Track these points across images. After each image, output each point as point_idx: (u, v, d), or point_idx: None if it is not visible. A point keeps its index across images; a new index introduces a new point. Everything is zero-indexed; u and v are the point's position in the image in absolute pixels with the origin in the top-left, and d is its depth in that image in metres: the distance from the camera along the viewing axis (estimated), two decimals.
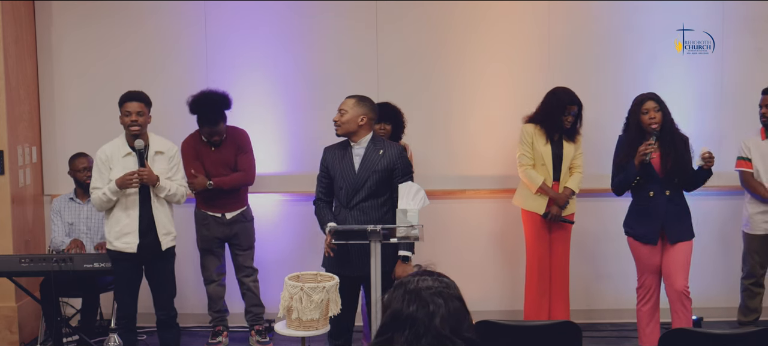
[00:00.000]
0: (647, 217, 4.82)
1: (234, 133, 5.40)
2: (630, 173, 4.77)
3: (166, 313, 4.80)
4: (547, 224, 5.34)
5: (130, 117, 4.56)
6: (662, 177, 4.77)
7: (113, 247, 4.66)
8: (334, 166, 4.32)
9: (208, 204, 5.35)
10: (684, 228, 4.83)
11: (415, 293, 1.95)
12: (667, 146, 4.75)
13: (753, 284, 5.35)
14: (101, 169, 4.62)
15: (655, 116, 4.75)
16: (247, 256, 5.45)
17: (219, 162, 5.32)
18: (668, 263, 4.82)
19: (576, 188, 5.35)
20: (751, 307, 5.39)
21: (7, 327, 5.48)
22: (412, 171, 4.36)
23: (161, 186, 4.61)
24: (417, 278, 1.99)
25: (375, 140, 4.28)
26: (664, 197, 4.78)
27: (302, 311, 3.73)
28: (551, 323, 3.89)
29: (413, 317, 1.91)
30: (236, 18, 5.83)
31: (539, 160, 5.27)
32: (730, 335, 3.63)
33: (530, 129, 5.29)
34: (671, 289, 4.82)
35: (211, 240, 5.38)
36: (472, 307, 2.20)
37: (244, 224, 5.42)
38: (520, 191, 5.44)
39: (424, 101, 5.84)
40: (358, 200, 4.22)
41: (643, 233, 4.84)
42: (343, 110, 4.25)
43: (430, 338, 1.90)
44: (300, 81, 5.87)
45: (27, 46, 5.73)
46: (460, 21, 5.84)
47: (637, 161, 4.71)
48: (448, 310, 1.94)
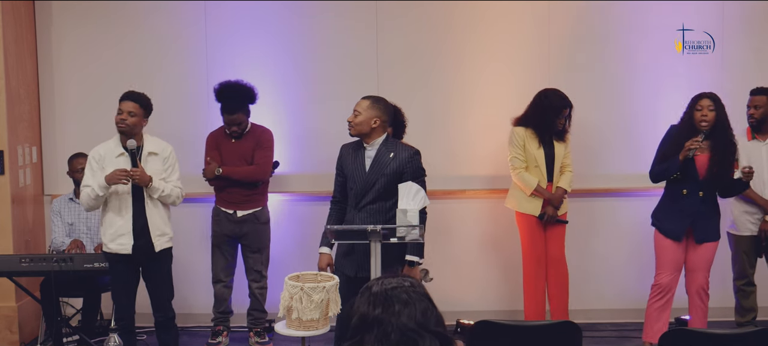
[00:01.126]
0: (677, 213, 4.86)
1: (257, 131, 5.43)
2: (672, 166, 4.79)
3: (164, 315, 4.79)
4: (541, 225, 5.35)
5: (121, 115, 4.55)
6: (702, 178, 4.79)
7: (108, 249, 4.65)
8: (347, 165, 4.34)
9: (223, 200, 5.38)
10: (712, 229, 4.89)
11: (380, 295, 2.03)
12: (716, 148, 4.77)
13: (745, 284, 5.37)
14: (94, 168, 4.61)
15: (708, 115, 4.76)
16: (256, 259, 5.42)
17: (236, 154, 5.33)
18: (692, 260, 4.92)
19: (568, 187, 5.36)
20: (747, 306, 5.41)
21: (7, 327, 5.48)
22: (423, 174, 4.31)
23: (154, 187, 4.59)
24: (381, 281, 2.07)
25: (387, 143, 4.28)
26: (698, 197, 4.81)
27: (302, 311, 3.72)
28: (551, 323, 3.89)
29: (379, 319, 1.98)
30: (236, 18, 5.83)
31: (532, 162, 5.28)
32: (730, 335, 3.63)
33: (521, 132, 5.29)
34: (692, 284, 4.96)
35: (220, 236, 5.38)
36: (471, 306, 2.22)
37: (256, 225, 5.40)
38: (512, 194, 5.44)
39: (423, 101, 5.84)
40: (367, 201, 4.23)
41: (670, 229, 4.88)
42: (358, 111, 4.24)
43: (399, 335, 1.97)
44: (300, 81, 5.87)
45: (27, 46, 5.73)
46: (459, 21, 5.84)
47: (682, 156, 4.74)
48: (413, 308, 2.00)
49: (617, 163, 5.83)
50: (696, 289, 4.95)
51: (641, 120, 5.79)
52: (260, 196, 5.44)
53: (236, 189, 5.32)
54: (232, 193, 5.33)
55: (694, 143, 4.71)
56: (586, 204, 5.77)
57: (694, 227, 4.85)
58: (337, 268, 4.31)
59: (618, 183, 5.83)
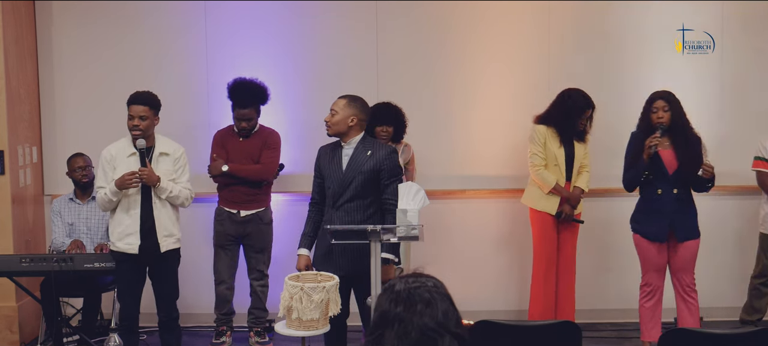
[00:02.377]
0: (656, 214, 4.87)
1: (265, 131, 5.45)
2: (639, 168, 4.83)
3: (168, 315, 4.80)
4: (555, 224, 5.35)
5: (133, 121, 4.56)
6: (671, 175, 4.81)
7: (116, 248, 4.66)
8: (324, 165, 4.34)
9: (226, 200, 5.38)
10: (692, 226, 4.91)
11: (402, 294, 2.03)
12: (678, 144, 4.81)
13: (763, 283, 5.38)
14: (105, 168, 4.62)
15: (663, 116, 4.82)
16: (259, 259, 5.43)
17: (242, 153, 5.34)
18: (676, 259, 4.92)
19: (586, 187, 5.37)
20: (756, 307, 5.42)
21: (8, 327, 5.48)
22: (400, 173, 4.32)
23: (162, 187, 4.60)
24: (404, 280, 2.07)
25: (365, 141, 4.28)
26: (672, 195, 4.83)
27: (302, 311, 3.73)
28: (551, 323, 3.89)
29: (400, 317, 2.00)
30: (236, 18, 5.83)
31: (552, 160, 5.28)
32: (729, 335, 3.63)
33: (543, 130, 5.29)
34: (679, 283, 4.95)
35: (224, 236, 5.38)
36: (474, 307, 2.23)
37: (260, 225, 5.40)
38: (529, 191, 5.44)
39: (424, 101, 5.84)
40: (344, 200, 4.22)
41: (651, 231, 4.89)
42: (334, 111, 4.25)
43: (418, 334, 1.98)
44: (300, 81, 5.88)
45: (27, 46, 5.73)
46: (460, 21, 5.85)
47: (645, 155, 4.77)
48: (435, 307, 2.01)
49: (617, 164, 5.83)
50: (683, 288, 4.95)
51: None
52: (264, 196, 5.44)
53: (240, 188, 5.32)
54: (235, 192, 5.33)
55: (653, 140, 4.74)
56: (591, 204, 5.76)
57: (674, 226, 4.85)
58: (316, 269, 4.29)
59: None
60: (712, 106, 5.85)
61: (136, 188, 4.57)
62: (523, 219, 5.61)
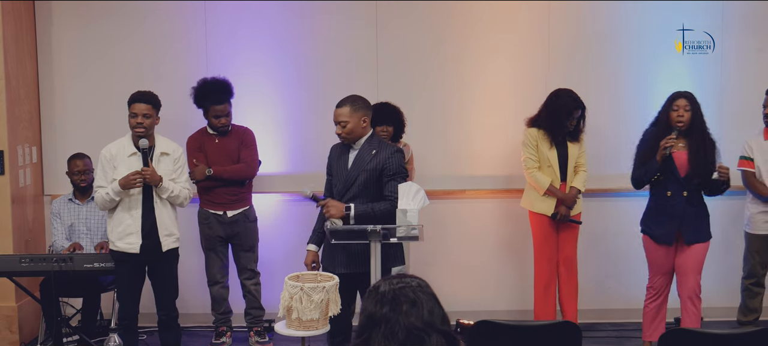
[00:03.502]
0: (665, 217, 4.83)
1: (239, 130, 5.44)
2: (651, 168, 4.78)
3: (168, 314, 4.81)
4: (554, 225, 5.34)
5: (136, 119, 4.57)
6: (683, 177, 4.77)
7: (116, 247, 4.66)
8: (333, 164, 4.38)
9: (210, 202, 5.36)
10: (701, 230, 4.85)
11: (388, 295, 2.06)
12: (693, 147, 4.76)
13: (753, 284, 5.35)
14: (105, 168, 4.62)
15: (684, 115, 4.76)
16: (248, 257, 5.44)
17: (222, 154, 5.33)
18: (682, 262, 4.86)
19: (582, 187, 5.36)
20: (751, 307, 5.39)
21: (7, 327, 5.48)
22: (403, 172, 4.30)
23: (164, 187, 4.61)
24: (388, 281, 2.10)
25: (371, 141, 4.28)
26: (682, 197, 4.78)
27: (302, 311, 3.73)
28: (551, 323, 3.88)
29: (387, 317, 2.02)
30: (236, 18, 5.83)
31: (545, 162, 5.27)
32: (729, 335, 3.63)
33: (534, 133, 5.28)
34: (684, 288, 4.88)
35: (213, 239, 5.38)
36: (473, 307, 2.23)
37: (246, 224, 5.41)
38: (527, 194, 5.44)
39: (423, 101, 5.84)
40: (348, 198, 4.22)
41: (659, 234, 4.85)
42: (344, 122, 4.22)
43: (405, 334, 2.00)
44: (300, 80, 5.87)
45: (27, 46, 5.73)
46: (459, 20, 5.84)
47: (659, 156, 4.72)
48: (420, 306, 2.04)
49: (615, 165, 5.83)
50: (687, 293, 4.87)
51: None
52: (247, 194, 5.47)
53: (223, 190, 5.32)
54: (218, 194, 5.33)
55: (668, 141, 4.69)
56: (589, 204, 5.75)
57: (682, 229, 4.81)
58: (324, 266, 4.33)
59: (611, 184, 5.81)
60: (711, 106, 5.83)
61: (139, 187, 4.57)
62: (522, 219, 5.60)
